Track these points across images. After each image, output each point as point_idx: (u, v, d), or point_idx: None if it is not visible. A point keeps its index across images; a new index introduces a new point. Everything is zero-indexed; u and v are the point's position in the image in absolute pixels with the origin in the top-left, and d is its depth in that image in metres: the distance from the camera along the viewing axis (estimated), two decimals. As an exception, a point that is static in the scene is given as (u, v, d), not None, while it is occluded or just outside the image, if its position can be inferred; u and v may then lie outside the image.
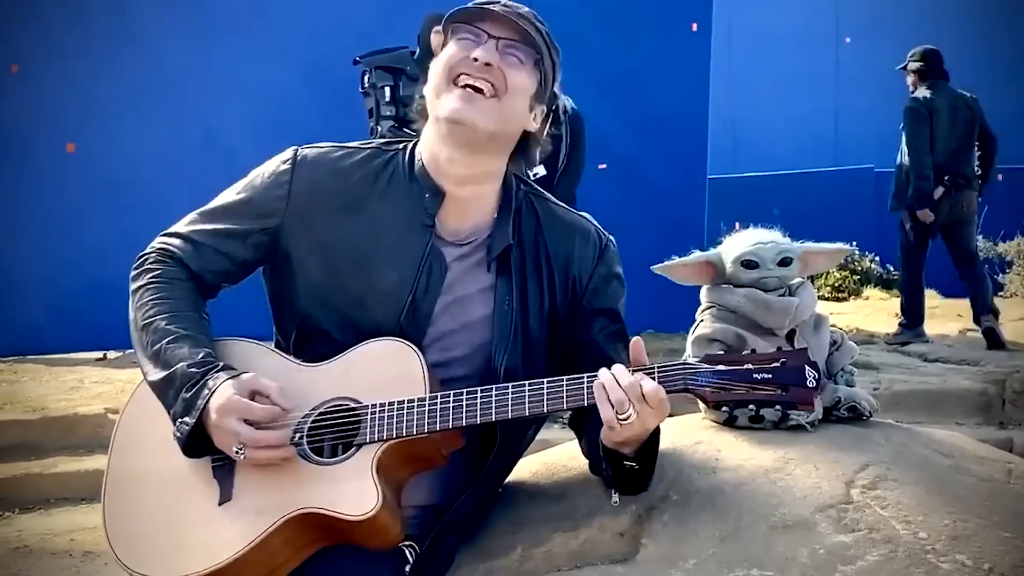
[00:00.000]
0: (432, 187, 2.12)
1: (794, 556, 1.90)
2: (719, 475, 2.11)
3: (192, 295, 2.11)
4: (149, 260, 2.13)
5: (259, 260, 2.18)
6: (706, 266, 2.42)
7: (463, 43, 2.07)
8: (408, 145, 2.21)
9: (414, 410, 1.92)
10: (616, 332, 2.20)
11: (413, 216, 2.11)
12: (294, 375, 2.03)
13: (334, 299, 2.10)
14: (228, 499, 1.93)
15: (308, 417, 1.97)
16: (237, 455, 1.89)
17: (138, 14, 8.12)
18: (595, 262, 2.21)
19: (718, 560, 1.92)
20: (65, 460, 5.74)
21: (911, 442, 2.27)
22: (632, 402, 1.84)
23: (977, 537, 1.94)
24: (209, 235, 2.13)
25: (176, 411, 1.93)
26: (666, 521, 2.03)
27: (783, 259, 2.31)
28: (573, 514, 2.12)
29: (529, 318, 2.14)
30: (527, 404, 1.91)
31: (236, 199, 2.16)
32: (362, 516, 1.85)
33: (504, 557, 2.08)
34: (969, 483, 2.12)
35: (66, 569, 4.58)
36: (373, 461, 1.90)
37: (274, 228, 2.13)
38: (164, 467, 2.00)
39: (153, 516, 1.98)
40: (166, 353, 1.98)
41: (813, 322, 2.33)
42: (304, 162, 2.16)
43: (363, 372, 2.01)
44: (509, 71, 2.06)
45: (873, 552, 1.90)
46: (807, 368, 1.86)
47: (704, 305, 2.39)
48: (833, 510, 2.00)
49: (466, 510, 2.11)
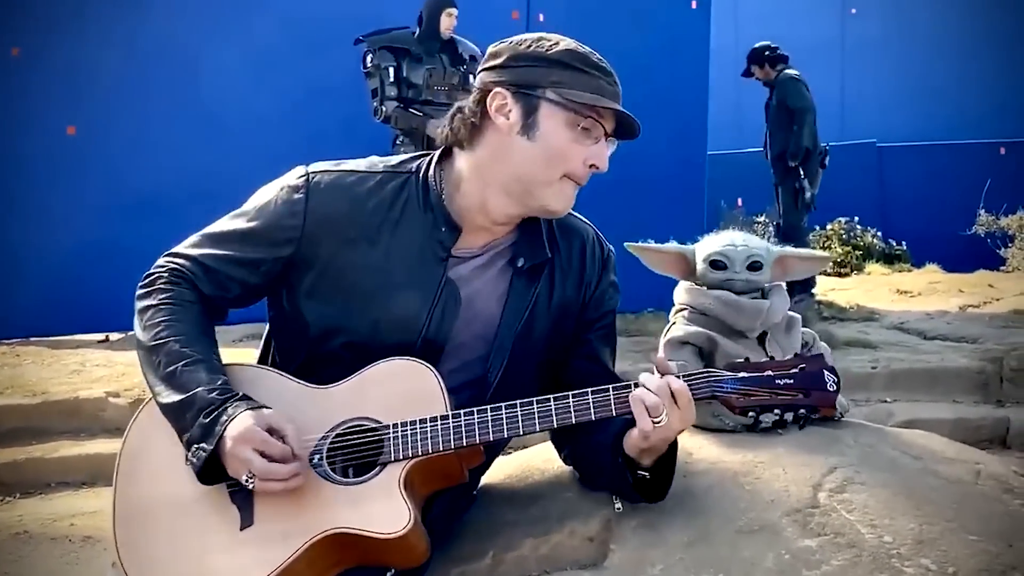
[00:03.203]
0: (450, 222, 2.10)
1: (760, 561, 1.92)
2: (689, 479, 2.14)
3: (204, 319, 2.08)
4: (161, 280, 2.08)
5: (270, 286, 2.15)
6: (679, 259, 2.43)
7: (584, 134, 2.03)
8: (421, 165, 2.16)
9: (438, 427, 1.94)
10: (608, 333, 2.25)
11: (427, 248, 2.09)
12: (307, 398, 2.03)
13: (347, 327, 2.08)
14: (250, 524, 1.93)
15: (326, 439, 1.97)
16: (247, 483, 1.88)
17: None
18: (601, 271, 2.23)
19: (685, 565, 1.94)
20: (66, 444, 5.76)
21: (880, 443, 2.28)
22: (665, 404, 1.89)
23: (943, 540, 1.96)
24: (220, 260, 2.09)
25: (192, 436, 1.91)
26: (635, 526, 2.05)
27: (753, 263, 2.33)
28: (545, 518, 2.14)
29: (535, 325, 2.14)
30: (555, 417, 1.94)
31: (248, 227, 2.10)
32: (396, 534, 1.86)
33: (476, 562, 2.10)
34: (937, 485, 2.13)
35: (66, 554, 4.60)
36: (400, 479, 1.91)
37: (287, 257, 2.09)
38: (177, 494, 1.98)
39: (173, 544, 1.96)
40: (182, 376, 1.96)
41: (785, 324, 2.35)
42: (317, 189, 2.10)
43: (378, 392, 2.00)
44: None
45: (838, 557, 1.92)
46: (825, 372, 1.93)
47: (677, 307, 2.42)
48: (800, 514, 2.02)
49: (440, 514, 2.14)
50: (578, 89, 2.00)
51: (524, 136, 2.03)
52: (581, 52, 2.03)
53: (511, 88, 2.03)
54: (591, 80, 2.01)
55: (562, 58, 2.01)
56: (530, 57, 2.03)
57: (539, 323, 2.15)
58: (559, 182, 2.05)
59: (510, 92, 2.03)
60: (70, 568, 4.45)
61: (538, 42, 2.04)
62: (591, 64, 2.02)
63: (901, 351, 7.35)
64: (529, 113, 2.02)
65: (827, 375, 1.92)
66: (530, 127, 2.02)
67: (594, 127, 2.03)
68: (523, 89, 2.01)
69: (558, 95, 2.00)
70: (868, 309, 9.29)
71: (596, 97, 2.00)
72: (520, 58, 2.03)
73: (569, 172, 2.05)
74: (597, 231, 2.28)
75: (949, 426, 5.89)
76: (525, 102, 2.02)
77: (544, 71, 2.01)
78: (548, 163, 2.03)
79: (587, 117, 2.01)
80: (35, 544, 4.72)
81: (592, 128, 2.03)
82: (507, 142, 2.04)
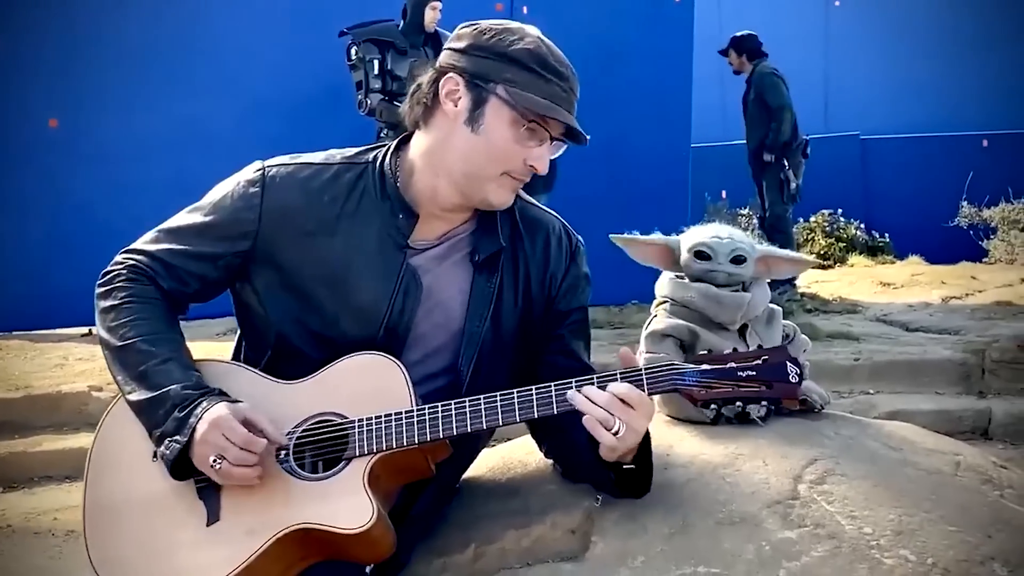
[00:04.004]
0: (407, 209, 2.11)
1: (740, 553, 1.93)
2: (670, 471, 2.14)
3: (167, 314, 2.09)
4: (120, 278, 2.08)
5: (230, 281, 2.15)
6: (664, 250, 2.44)
7: (528, 135, 2.02)
8: (378, 155, 2.16)
9: (403, 422, 1.94)
10: (581, 327, 2.24)
11: (386, 235, 2.09)
12: (274, 393, 2.03)
13: (308, 319, 2.08)
14: (216, 520, 1.94)
15: (292, 434, 1.98)
16: (213, 465, 1.87)
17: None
18: (568, 263, 2.23)
19: (666, 557, 1.95)
20: (49, 438, 5.78)
21: (860, 435, 2.29)
22: (616, 415, 1.88)
23: (922, 531, 1.97)
24: (178, 255, 2.09)
25: (166, 430, 1.91)
26: (616, 518, 2.06)
27: (736, 256, 2.33)
28: (526, 511, 2.15)
29: (502, 318, 2.15)
30: (517, 412, 1.94)
31: (205, 221, 2.10)
32: (359, 529, 1.86)
33: (458, 554, 2.11)
34: (916, 476, 2.14)
35: (49, 548, 4.61)
36: (365, 474, 1.91)
37: (245, 251, 2.09)
38: (145, 491, 1.99)
39: (140, 541, 1.96)
40: (154, 374, 1.97)
41: (766, 317, 2.36)
42: (274, 183, 2.10)
43: (344, 387, 2.01)
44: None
45: (818, 548, 1.93)
46: (788, 364, 1.92)
47: (658, 300, 2.42)
48: (780, 506, 2.03)
49: (424, 507, 2.15)
50: (530, 92, 1.99)
51: (468, 127, 2.03)
52: (541, 53, 2.01)
53: (465, 76, 2.03)
54: (545, 85, 2.00)
55: (520, 57, 2.00)
56: (489, 49, 2.02)
57: (507, 317, 2.15)
58: (499, 178, 2.06)
59: (463, 80, 2.03)
60: (53, 562, 4.46)
61: (501, 34, 2.03)
62: (548, 67, 2.01)
63: (884, 343, 7.39)
64: (477, 105, 2.02)
65: (790, 366, 1.91)
66: (475, 119, 2.02)
67: (538, 130, 2.03)
68: (476, 79, 2.01)
69: (508, 94, 2.00)
70: (851, 301, 9.33)
71: (545, 104, 2.00)
72: (480, 48, 2.02)
73: (509, 171, 2.05)
74: (564, 223, 2.27)
75: (931, 417, 5.92)
76: (475, 93, 2.02)
77: (500, 66, 2.01)
78: (488, 158, 2.04)
79: (532, 120, 2.01)
80: (18, 538, 4.73)
81: (536, 131, 2.03)
82: (452, 128, 2.05)
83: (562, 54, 2.06)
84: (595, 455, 1.99)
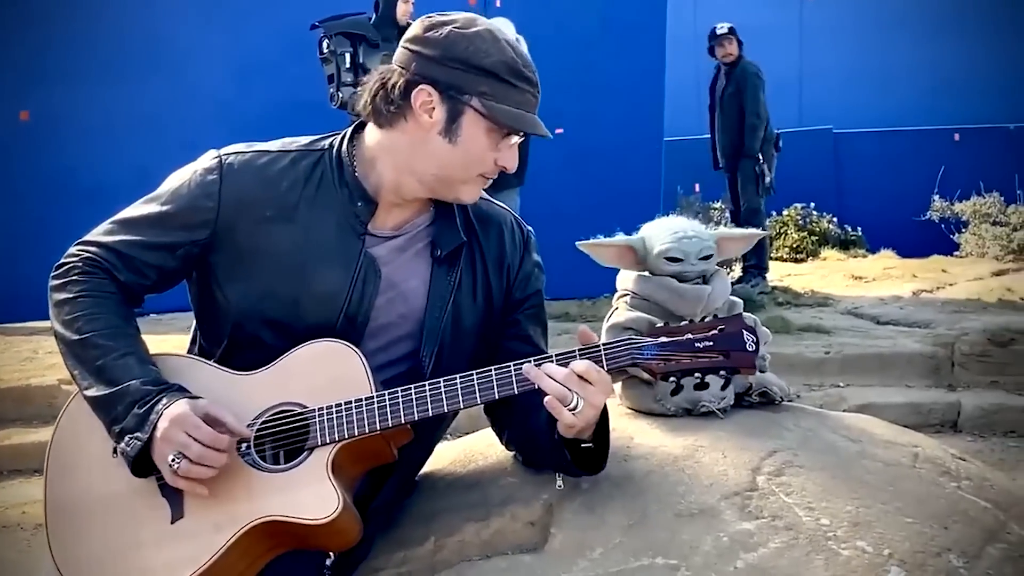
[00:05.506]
0: (365, 197, 2.11)
1: (698, 544, 1.94)
2: (630, 463, 2.15)
3: (124, 308, 2.06)
4: (75, 271, 2.05)
5: (187, 271, 2.14)
6: (627, 251, 2.44)
7: (501, 140, 2.04)
8: (333, 143, 2.16)
9: (363, 409, 1.94)
10: (537, 313, 2.27)
11: (344, 223, 2.09)
12: (232, 386, 2.02)
13: (267, 306, 2.07)
14: (180, 516, 1.93)
15: (252, 426, 1.97)
16: (172, 463, 1.85)
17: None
18: (523, 253, 2.25)
19: (624, 549, 1.96)
20: (18, 432, 5.77)
21: (820, 427, 2.31)
22: (574, 391, 1.89)
23: (879, 523, 1.98)
24: (135, 246, 2.07)
25: (126, 426, 1.90)
26: (576, 510, 2.07)
27: (706, 256, 2.35)
28: (486, 503, 2.15)
29: (462, 309, 2.16)
30: (478, 393, 1.95)
31: (162, 210, 2.08)
32: (325, 519, 1.86)
33: (419, 547, 2.11)
34: (875, 468, 2.16)
35: (18, 542, 4.61)
36: (328, 463, 1.91)
37: (203, 240, 2.08)
38: (107, 489, 1.97)
39: (105, 540, 1.95)
40: (113, 370, 1.95)
41: (726, 309, 2.37)
42: (231, 170, 2.10)
43: (303, 376, 2.00)
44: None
45: (775, 539, 1.94)
46: (745, 332, 1.93)
47: (619, 293, 2.43)
48: (738, 497, 2.04)
49: (384, 500, 2.15)
50: (505, 104, 2.01)
51: (445, 138, 2.03)
52: (514, 63, 2.01)
53: (439, 87, 2.02)
54: (518, 95, 2.02)
55: (495, 69, 1.99)
56: (463, 61, 2.00)
57: (467, 310, 2.16)
58: (473, 179, 2.08)
59: (437, 92, 2.02)
60: (22, 556, 4.45)
61: (474, 42, 2.01)
62: (521, 76, 2.02)
63: (855, 336, 7.44)
64: (453, 117, 2.02)
65: (746, 335, 1.92)
66: (453, 131, 2.03)
67: (511, 135, 2.05)
68: (451, 92, 2.01)
69: (484, 107, 2.00)
70: (823, 295, 9.39)
71: (520, 115, 2.02)
72: (452, 60, 2.00)
73: (482, 172, 2.08)
74: (515, 215, 2.30)
75: (901, 410, 5.98)
76: (451, 105, 2.02)
77: (475, 79, 2.00)
78: (465, 166, 2.06)
79: (506, 129, 2.03)
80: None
81: (509, 136, 2.05)
82: (427, 138, 2.04)
83: (526, 54, 2.07)
84: (554, 438, 2.00)
